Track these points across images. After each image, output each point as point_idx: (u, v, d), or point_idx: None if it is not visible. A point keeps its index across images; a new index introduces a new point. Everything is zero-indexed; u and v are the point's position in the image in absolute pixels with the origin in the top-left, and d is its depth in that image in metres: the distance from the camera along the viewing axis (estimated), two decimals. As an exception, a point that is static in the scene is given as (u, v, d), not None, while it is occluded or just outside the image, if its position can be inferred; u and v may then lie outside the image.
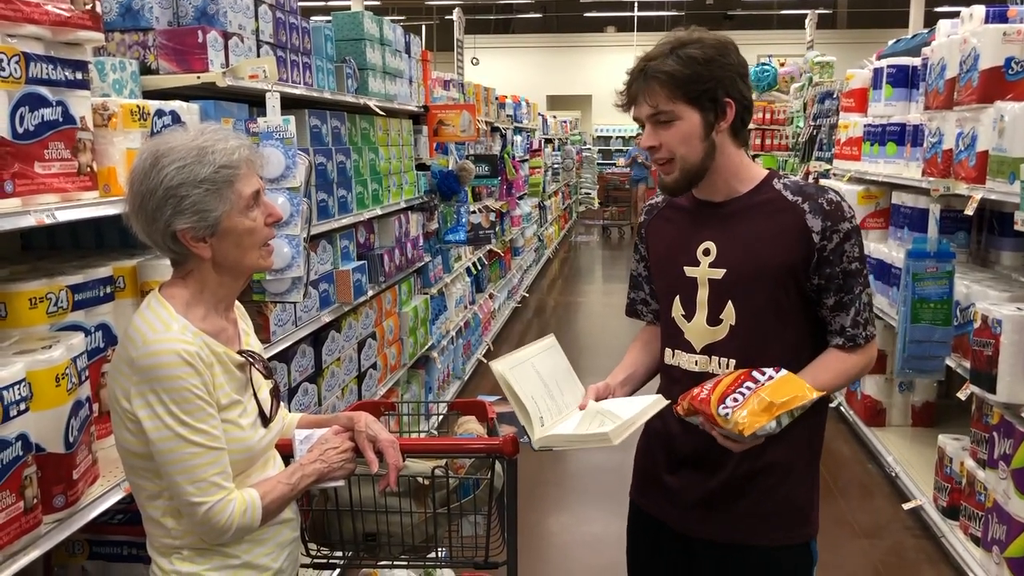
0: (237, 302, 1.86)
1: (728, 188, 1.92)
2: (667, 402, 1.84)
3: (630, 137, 23.66)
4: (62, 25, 1.83)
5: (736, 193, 1.92)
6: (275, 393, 1.86)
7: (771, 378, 1.74)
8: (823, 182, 5.99)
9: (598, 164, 21.18)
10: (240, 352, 1.76)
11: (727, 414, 1.69)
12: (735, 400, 1.70)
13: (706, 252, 1.92)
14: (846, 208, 1.87)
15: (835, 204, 1.86)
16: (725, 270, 1.89)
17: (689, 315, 1.94)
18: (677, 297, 1.97)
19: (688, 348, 1.94)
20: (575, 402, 1.95)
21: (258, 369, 1.79)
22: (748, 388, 1.72)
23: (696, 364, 1.93)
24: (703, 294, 1.91)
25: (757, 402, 1.68)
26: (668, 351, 2.01)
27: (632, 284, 2.21)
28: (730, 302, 1.88)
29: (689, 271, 1.94)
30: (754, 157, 9.03)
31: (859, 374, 1.95)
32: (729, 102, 1.83)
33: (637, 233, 2.17)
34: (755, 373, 1.77)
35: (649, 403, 1.85)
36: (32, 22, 1.75)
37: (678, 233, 2.00)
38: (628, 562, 2.19)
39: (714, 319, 1.90)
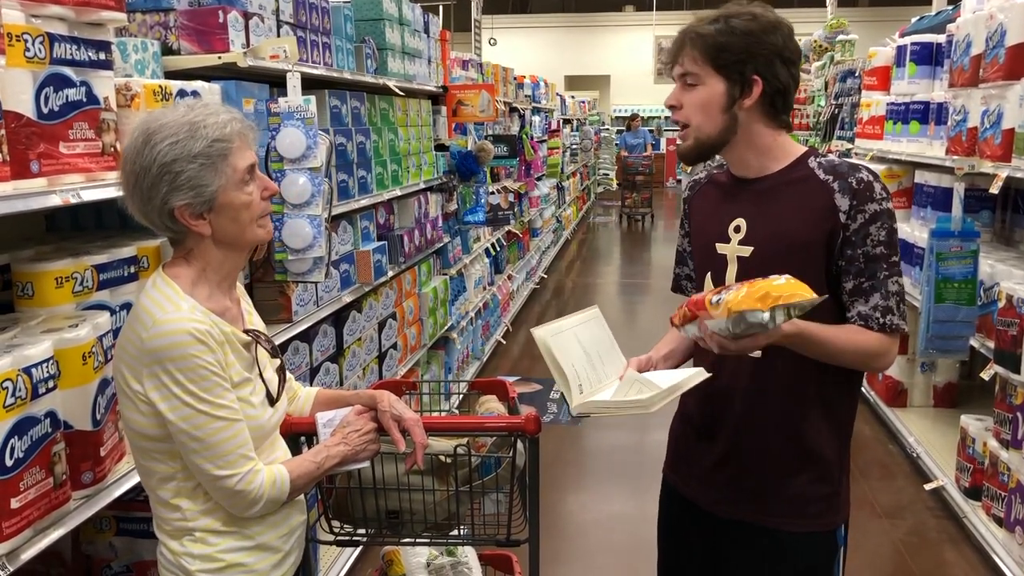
0: (239, 284, 1.86)
1: (760, 165, 1.89)
2: (708, 375, 1.80)
3: (650, 117, 23.53)
4: (85, 5, 1.83)
5: (768, 170, 1.89)
6: (281, 371, 1.85)
7: (775, 278, 1.61)
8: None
9: (616, 144, 21.08)
10: (246, 331, 1.75)
11: (719, 300, 1.58)
12: (729, 290, 1.60)
13: (737, 229, 1.90)
14: (878, 189, 1.80)
15: (865, 184, 1.79)
16: (753, 248, 1.86)
17: None
18: (709, 274, 1.95)
19: None
20: (616, 373, 1.93)
21: (264, 347, 1.79)
22: (746, 283, 1.62)
23: None
24: (732, 271, 1.89)
25: (754, 289, 1.57)
26: None
27: (678, 259, 2.20)
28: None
29: (720, 248, 1.92)
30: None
31: (874, 359, 1.85)
32: (756, 80, 1.80)
33: (683, 208, 2.16)
34: (757, 278, 1.66)
35: (689, 374, 1.81)
36: (56, 2, 1.76)
37: (714, 209, 1.98)
38: (659, 536, 2.19)
39: None
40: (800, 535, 1.91)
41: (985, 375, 3.70)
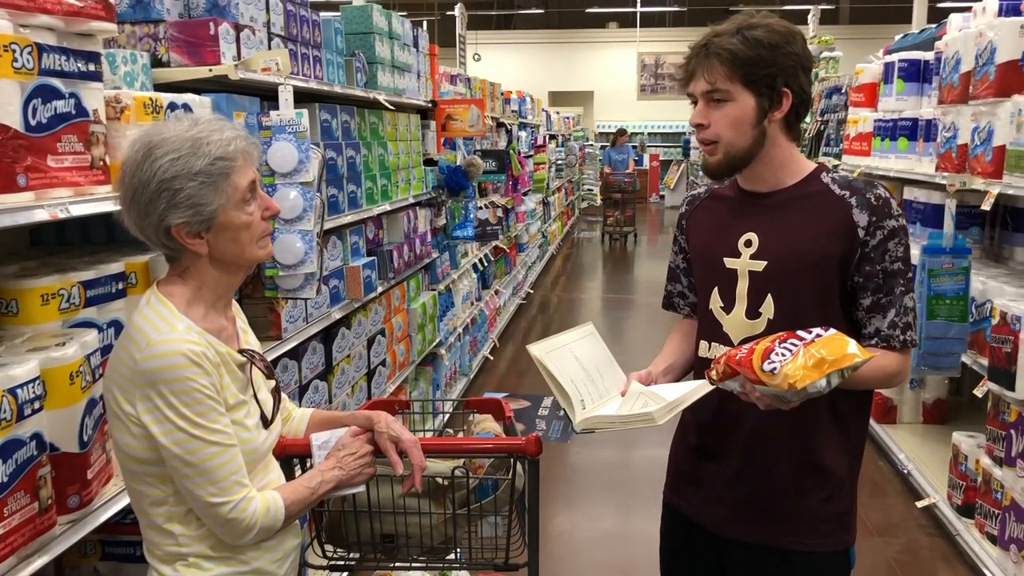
0: (234, 301, 1.81)
1: (775, 179, 1.87)
2: (712, 387, 1.76)
3: (634, 133, 23.62)
4: (75, 15, 1.79)
5: (782, 185, 1.87)
6: (276, 392, 1.80)
7: (819, 335, 1.62)
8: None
9: (600, 160, 21.13)
10: (241, 351, 1.70)
11: (774, 369, 1.56)
12: (781, 356, 1.58)
13: (748, 243, 1.87)
14: (894, 205, 1.81)
15: (883, 200, 1.80)
16: (766, 262, 1.84)
17: (728, 307, 1.90)
18: (716, 289, 1.92)
19: (726, 341, 1.89)
20: (616, 388, 1.91)
21: (259, 368, 1.74)
22: (794, 344, 1.60)
23: None
24: (743, 286, 1.87)
25: (808, 356, 1.56)
26: (704, 344, 1.96)
27: (670, 276, 2.17)
28: (769, 295, 1.84)
29: (729, 262, 1.89)
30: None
31: (893, 378, 1.85)
32: (786, 92, 1.79)
33: (677, 225, 2.13)
34: (800, 332, 1.64)
35: (694, 387, 1.79)
36: (45, 12, 1.71)
37: (720, 224, 1.96)
38: (661, 563, 2.15)
39: (753, 312, 1.85)
40: (811, 555, 1.89)
41: (979, 392, 3.69)
